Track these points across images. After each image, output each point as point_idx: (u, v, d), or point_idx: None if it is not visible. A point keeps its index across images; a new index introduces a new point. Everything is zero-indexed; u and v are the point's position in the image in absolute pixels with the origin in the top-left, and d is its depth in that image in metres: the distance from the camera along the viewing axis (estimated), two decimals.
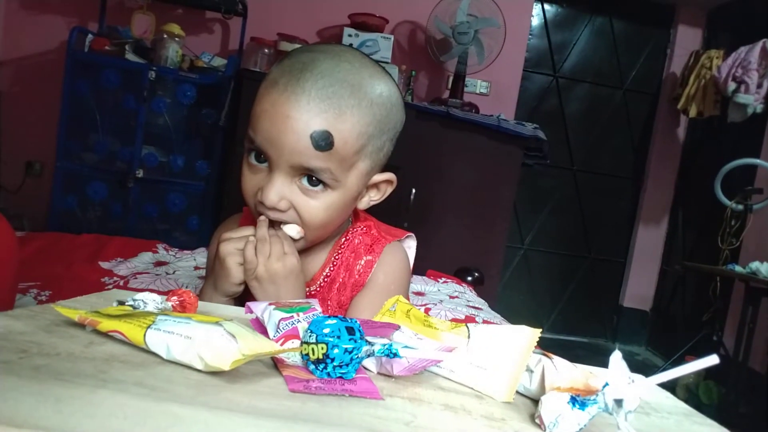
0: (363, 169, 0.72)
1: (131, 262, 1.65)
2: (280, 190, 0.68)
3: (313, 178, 0.68)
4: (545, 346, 0.49)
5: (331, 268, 0.81)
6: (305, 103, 0.64)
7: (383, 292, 0.79)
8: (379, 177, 0.76)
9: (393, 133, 0.74)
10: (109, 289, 1.39)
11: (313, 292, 0.81)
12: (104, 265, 1.60)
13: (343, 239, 0.83)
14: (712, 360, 0.35)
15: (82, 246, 1.73)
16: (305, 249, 0.79)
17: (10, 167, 2.74)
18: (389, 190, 0.79)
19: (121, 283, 1.46)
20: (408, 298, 0.81)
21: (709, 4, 3.40)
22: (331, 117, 0.65)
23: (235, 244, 0.72)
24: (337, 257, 0.82)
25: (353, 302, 0.81)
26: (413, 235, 0.90)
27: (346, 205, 0.74)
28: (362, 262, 0.81)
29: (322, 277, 0.81)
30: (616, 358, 0.40)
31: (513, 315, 2.37)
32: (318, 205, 0.70)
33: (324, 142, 0.65)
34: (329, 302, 0.81)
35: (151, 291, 1.37)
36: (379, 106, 0.69)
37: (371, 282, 0.81)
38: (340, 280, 0.81)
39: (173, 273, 1.58)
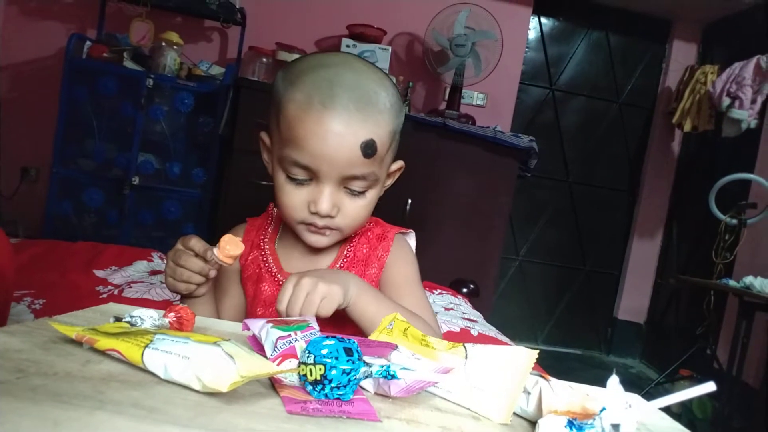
0: (388, 162, 0.80)
1: (126, 271, 1.64)
2: (332, 199, 0.73)
3: (355, 182, 0.74)
4: (540, 358, 0.49)
5: (344, 261, 0.85)
6: (348, 117, 0.69)
7: (416, 281, 0.87)
8: (394, 166, 0.83)
9: (402, 124, 0.80)
10: (103, 299, 1.39)
11: None
12: (99, 273, 1.59)
13: (354, 234, 0.87)
14: (710, 387, 0.36)
15: (76, 254, 1.72)
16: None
17: (5, 172, 2.73)
18: (398, 175, 0.86)
19: (116, 292, 1.45)
20: None
21: (704, 19, 3.43)
22: (371, 125, 0.71)
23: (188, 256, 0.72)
24: (349, 250, 0.86)
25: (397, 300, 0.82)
26: (413, 232, 0.95)
27: (378, 196, 0.81)
28: (380, 248, 0.86)
29: (335, 269, 0.84)
30: (614, 382, 0.41)
31: (508, 326, 2.37)
32: (362, 204, 0.77)
33: (371, 149, 0.71)
34: None
35: (146, 300, 1.37)
36: (395, 106, 0.75)
37: (398, 276, 0.85)
38: (354, 271, 0.84)
39: None
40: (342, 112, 0.68)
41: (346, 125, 0.69)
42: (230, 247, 0.66)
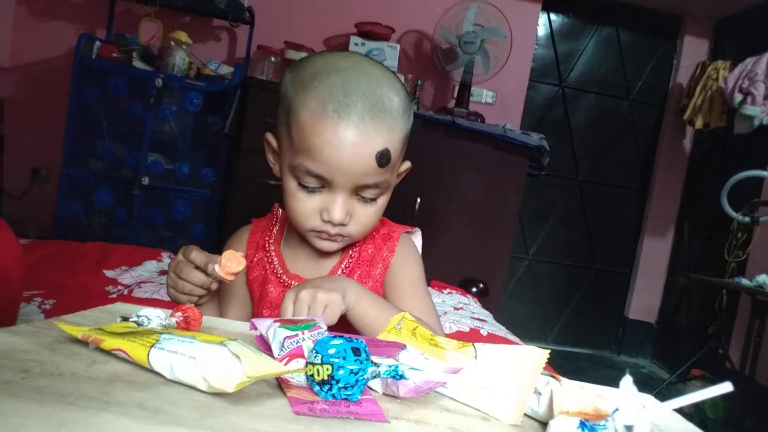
0: (397, 166, 0.79)
1: (135, 271, 1.65)
2: (345, 208, 0.73)
3: (368, 190, 0.74)
4: (550, 357, 0.48)
5: (349, 261, 0.85)
6: (363, 127, 0.68)
7: (421, 283, 0.86)
8: (401, 167, 0.83)
9: (411, 125, 0.80)
10: (113, 299, 1.40)
11: None
12: (108, 273, 1.60)
13: None
14: (726, 387, 0.35)
15: (86, 254, 1.73)
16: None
17: (15, 173, 2.74)
18: (404, 175, 0.86)
19: (125, 292, 1.46)
20: None
21: (715, 15, 3.39)
22: (386, 134, 0.70)
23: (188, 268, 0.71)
24: (354, 251, 0.85)
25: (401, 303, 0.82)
26: (419, 230, 0.95)
27: (388, 200, 0.81)
28: (385, 248, 0.86)
29: (340, 270, 0.84)
30: (627, 382, 0.40)
31: (517, 326, 2.35)
32: (374, 210, 0.77)
33: (386, 159, 0.71)
34: None
35: (155, 301, 1.37)
36: (406, 109, 0.75)
37: (402, 278, 0.85)
38: (358, 274, 0.84)
39: None
40: (358, 122, 0.68)
41: (362, 135, 0.68)
42: (231, 263, 0.65)
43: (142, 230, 2.58)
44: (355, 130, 0.68)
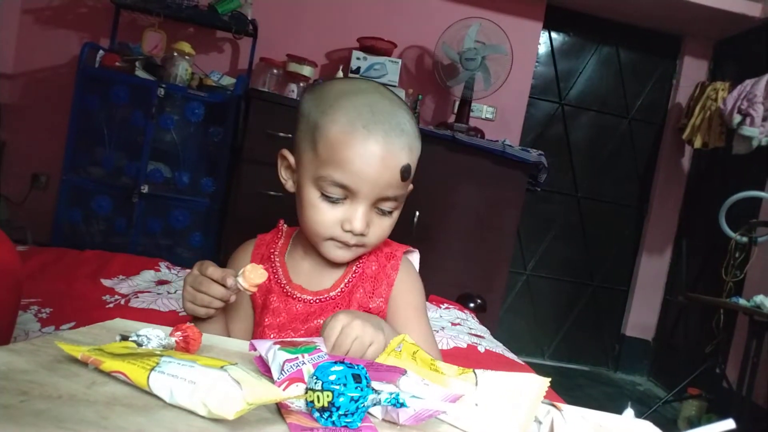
0: (410, 183, 0.84)
1: (133, 280, 1.64)
2: (366, 218, 0.78)
3: (386, 202, 0.78)
4: (546, 373, 0.48)
5: (353, 276, 0.87)
6: (390, 142, 0.74)
7: (423, 312, 0.89)
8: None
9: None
10: (110, 308, 1.39)
11: (334, 296, 0.85)
12: (106, 282, 1.59)
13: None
14: (728, 424, 0.35)
15: (84, 262, 1.72)
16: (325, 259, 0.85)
17: (16, 179, 2.75)
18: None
19: (122, 302, 1.45)
20: None
21: (715, 36, 3.42)
22: (407, 150, 0.77)
23: (208, 283, 0.72)
24: (358, 266, 0.88)
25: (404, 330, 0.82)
26: (417, 252, 0.97)
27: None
28: (389, 266, 0.89)
29: (343, 284, 0.86)
30: (629, 415, 0.40)
31: (514, 341, 2.35)
32: (388, 223, 0.82)
33: (407, 173, 0.77)
34: (351, 308, 0.86)
35: (152, 311, 1.36)
36: (418, 134, 0.81)
37: (407, 308, 0.87)
38: (361, 290, 0.86)
39: (174, 292, 1.57)
40: (386, 138, 0.74)
41: (388, 150, 0.74)
42: (254, 275, 0.68)
43: (141, 238, 2.57)
44: (383, 145, 0.73)
